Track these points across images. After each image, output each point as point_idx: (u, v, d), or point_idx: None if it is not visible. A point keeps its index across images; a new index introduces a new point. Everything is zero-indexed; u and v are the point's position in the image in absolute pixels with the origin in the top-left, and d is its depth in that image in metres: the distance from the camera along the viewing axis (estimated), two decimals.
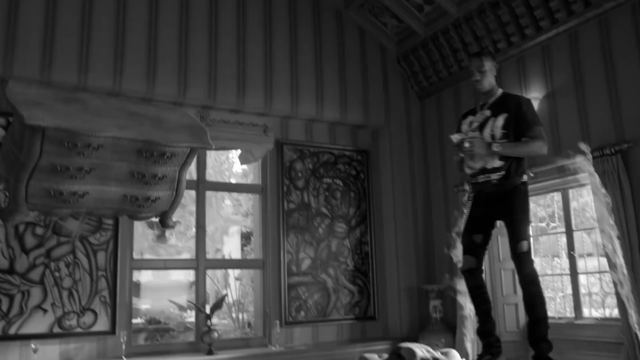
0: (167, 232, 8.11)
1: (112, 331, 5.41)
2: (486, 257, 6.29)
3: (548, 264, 6.88)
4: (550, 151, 5.77)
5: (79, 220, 5.33)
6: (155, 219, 4.20)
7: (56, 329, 5.19)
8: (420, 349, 5.27)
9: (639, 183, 5.06)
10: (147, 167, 3.68)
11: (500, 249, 6.58)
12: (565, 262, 6.94)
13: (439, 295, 6.74)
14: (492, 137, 3.89)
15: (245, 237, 10.84)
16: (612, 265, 4.98)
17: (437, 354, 5.29)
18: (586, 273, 6.36)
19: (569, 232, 6.16)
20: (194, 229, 6.02)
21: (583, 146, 5.02)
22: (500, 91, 4.13)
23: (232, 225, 11.17)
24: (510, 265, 6.49)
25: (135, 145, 3.59)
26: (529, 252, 3.80)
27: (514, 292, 6.51)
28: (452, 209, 6.70)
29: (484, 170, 3.91)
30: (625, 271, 4.89)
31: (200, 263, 5.97)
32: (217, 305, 5.85)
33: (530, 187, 6.36)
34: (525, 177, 3.99)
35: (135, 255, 5.92)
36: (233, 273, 8.80)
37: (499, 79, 4.57)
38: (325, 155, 6.82)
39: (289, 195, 6.49)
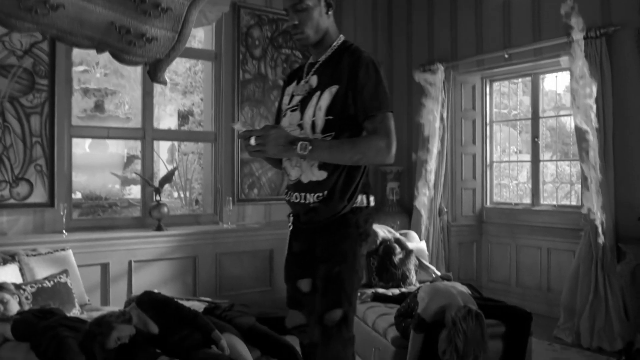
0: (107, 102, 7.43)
1: (51, 204, 4.94)
2: (447, 141, 6.19)
3: (505, 152, 6.79)
4: (530, 34, 5.55)
5: (8, 78, 4.66)
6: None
7: None
8: (381, 230, 5.14)
9: (621, 70, 4.86)
10: None
11: (462, 135, 6.40)
12: (523, 149, 6.89)
13: (397, 178, 6.58)
14: (314, 126, 2.24)
15: (183, 117, 10.26)
16: (583, 151, 4.87)
17: (397, 235, 5.20)
18: (550, 160, 6.31)
19: (535, 119, 6.01)
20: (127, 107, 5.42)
21: (576, 22, 4.68)
22: (339, 41, 2.37)
23: (167, 104, 10.46)
24: (471, 150, 6.43)
25: None
26: (343, 324, 2.20)
27: (472, 177, 6.43)
28: (416, 92, 6.37)
29: (298, 186, 2.30)
30: (597, 159, 4.79)
31: (148, 133, 5.46)
32: (167, 179, 5.44)
33: (500, 69, 6.26)
34: (362, 201, 2.28)
35: (74, 122, 5.34)
36: (179, 148, 8.29)
37: None
38: (285, 23, 6.22)
39: (244, 64, 5.95)
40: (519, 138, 7.09)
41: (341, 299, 2.19)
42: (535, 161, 6.01)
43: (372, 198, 2.31)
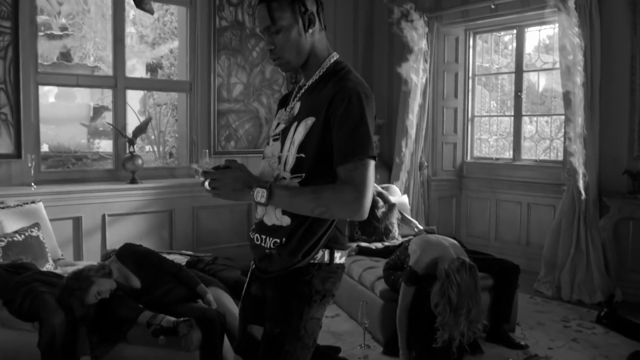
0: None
1: (17, 155, 4.67)
2: (428, 95, 6.06)
3: (484, 107, 6.70)
4: None
5: None
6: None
7: None
8: None
9: (610, 23, 4.77)
10: None
11: (445, 87, 6.28)
12: (503, 104, 6.82)
13: (377, 131, 6.45)
14: (286, 162, 1.89)
15: (152, 70, 9.87)
16: (568, 105, 4.80)
17: (380, 188, 5.11)
18: (533, 115, 6.24)
19: (519, 73, 5.92)
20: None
21: None
22: (330, 60, 1.96)
23: (134, 57, 10.02)
24: (453, 104, 6.33)
25: None
26: None
27: (453, 132, 6.35)
28: (397, 43, 6.17)
29: (260, 226, 1.95)
30: (582, 113, 4.73)
31: (120, 81, 5.18)
32: (141, 129, 5.19)
33: (485, 21, 6.07)
34: (322, 257, 1.89)
35: (40, 69, 5.02)
36: (152, 98, 7.94)
37: None
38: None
39: (221, 10, 5.66)
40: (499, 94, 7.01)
41: None
42: (518, 115, 5.94)
43: (338, 255, 1.90)
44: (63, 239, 4.53)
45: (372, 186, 1.75)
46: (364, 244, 4.57)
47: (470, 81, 6.35)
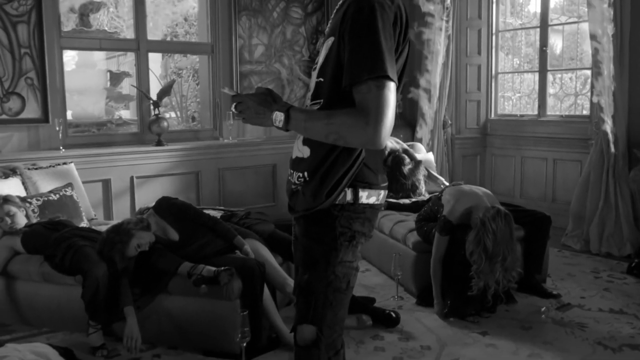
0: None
1: (45, 119, 4.71)
2: (452, 52, 5.98)
3: (508, 63, 6.62)
4: None
5: None
6: None
7: None
8: (390, 141, 5.02)
9: None
10: None
11: (468, 44, 6.20)
12: (526, 59, 6.73)
13: (400, 91, 6.39)
14: (310, 90, 1.81)
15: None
16: (596, 57, 4.73)
17: (405, 145, 5.09)
18: (559, 70, 6.16)
19: (544, 27, 5.82)
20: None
21: None
22: None
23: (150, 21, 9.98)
24: (476, 61, 6.25)
25: None
26: (315, 348, 1.75)
27: (477, 89, 6.29)
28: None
29: (291, 161, 1.86)
30: (612, 66, 4.65)
31: (142, 44, 5.18)
32: (165, 92, 5.20)
33: None
34: (344, 198, 1.71)
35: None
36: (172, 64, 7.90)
37: None
38: None
39: None
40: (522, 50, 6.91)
41: (310, 314, 1.73)
42: (543, 70, 5.86)
43: (364, 194, 1.72)
44: (93, 201, 4.58)
45: (392, 112, 1.54)
46: (392, 200, 4.58)
47: (493, 38, 6.25)
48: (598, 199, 4.86)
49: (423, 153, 5.29)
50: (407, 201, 4.62)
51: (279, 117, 1.66)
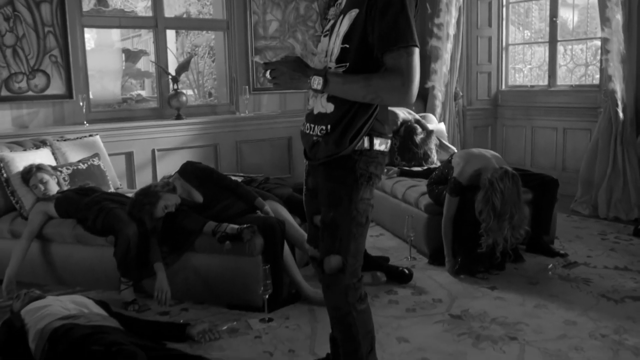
0: None
1: (69, 95, 4.90)
2: (462, 24, 6.08)
3: (519, 35, 6.70)
4: None
5: None
6: None
7: (4, 92, 4.63)
8: (401, 111, 5.17)
9: None
10: None
11: (478, 17, 6.28)
12: (540, 35, 6.80)
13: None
14: (332, 54, 2.02)
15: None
16: (606, 25, 4.81)
17: (417, 116, 5.23)
18: (569, 40, 6.23)
19: None
20: None
21: None
22: None
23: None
24: (487, 33, 6.34)
25: None
26: (341, 273, 2.02)
27: (488, 61, 6.38)
28: None
29: (310, 116, 2.10)
30: (621, 32, 4.74)
31: (160, 21, 5.33)
32: (184, 67, 5.37)
33: None
34: (362, 144, 1.98)
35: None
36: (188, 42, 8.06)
37: None
38: None
39: None
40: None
41: (336, 246, 2.00)
42: (553, 41, 5.95)
43: (378, 142, 1.99)
44: (117, 173, 4.76)
45: (418, 73, 1.85)
46: (405, 167, 4.73)
47: (504, 9, 6.33)
48: (606, 165, 4.97)
49: (435, 123, 5.43)
50: (419, 169, 4.77)
51: (317, 80, 1.93)
